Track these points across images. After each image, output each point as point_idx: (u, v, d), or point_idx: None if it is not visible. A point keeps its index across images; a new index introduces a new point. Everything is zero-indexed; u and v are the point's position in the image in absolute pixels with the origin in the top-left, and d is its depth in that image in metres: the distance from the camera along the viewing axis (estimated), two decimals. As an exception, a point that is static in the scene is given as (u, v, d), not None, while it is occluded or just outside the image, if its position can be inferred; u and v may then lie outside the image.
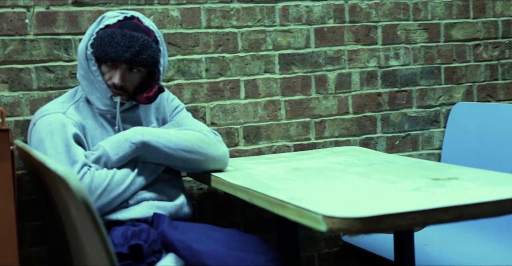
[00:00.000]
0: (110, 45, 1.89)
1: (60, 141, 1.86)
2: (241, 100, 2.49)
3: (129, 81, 1.95)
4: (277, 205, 1.59)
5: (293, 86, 2.56)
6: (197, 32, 2.41)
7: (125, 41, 1.89)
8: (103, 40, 1.89)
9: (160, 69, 1.98)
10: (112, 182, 1.86)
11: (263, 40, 2.51)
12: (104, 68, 1.94)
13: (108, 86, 1.94)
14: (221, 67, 2.45)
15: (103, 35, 1.90)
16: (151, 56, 1.93)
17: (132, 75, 1.95)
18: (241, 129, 2.49)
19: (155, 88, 1.97)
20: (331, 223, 1.36)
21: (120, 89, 1.94)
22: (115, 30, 1.90)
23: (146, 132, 1.92)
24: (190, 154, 1.96)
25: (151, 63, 1.93)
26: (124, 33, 1.90)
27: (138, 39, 1.90)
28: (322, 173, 1.97)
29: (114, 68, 1.93)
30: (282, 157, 2.40)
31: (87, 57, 1.92)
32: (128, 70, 1.94)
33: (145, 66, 1.93)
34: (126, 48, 1.88)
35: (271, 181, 1.85)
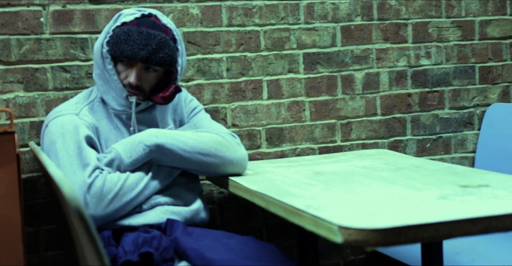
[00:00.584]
0: (126, 43, 1.82)
1: (72, 143, 1.80)
2: (263, 101, 2.40)
3: (145, 81, 1.88)
4: (293, 213, 1.50)
5: (318, 86, 2.47)
6: (218, 30, 2.33)
7: (142, 39, 1.82)
8: (119, 38, 1.83)
9: (178, 69, 1.91)
10: (125, 186, 1.79)
11: (287, 38, 2.42)
12: (120, 67, 1.87)
13: (124, 86, 1.87)
14: (243, 67, 2.37)
15: (119, 32, 1.83)
16: (168, 55, 1.85)
17: (148, 74, 1.88)
18: (263, 131, 2.41)
19: (171, 88, 1.90)
20: (347, 234, 1.27)
21: (136, 89, 1.87)
22: (131, 28, 1.83)
23: (161, 134, 1.85)
24: (207, 157, 1.88)
25: (168, 62, 1.86)
26: (141, 31, 1.83)
27: (155, 37, 1.83)
28: (345, 177, 1.87)
29: (130, 67, 1.86)
30: (305, 160, 2.30)
31: (103, 55, 1.86)
32: (144, 70, 1.87)
33: (162, 65, 1.86)
34: (142, 46, 1.82)
35: (290, 187, 1.76)
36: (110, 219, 1.78)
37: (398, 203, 1.48)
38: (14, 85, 2.11)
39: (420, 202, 1.48)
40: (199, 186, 2.04)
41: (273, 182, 1.86)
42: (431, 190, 1.61)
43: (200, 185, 2.04)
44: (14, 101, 2.11)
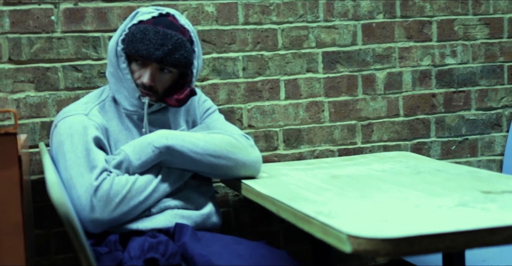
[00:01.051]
0: (141, 42, 1.77)
1: (80, 144, 1.76)
2: (281, 101, 2.33)
3: (159, 82, 1.82)
4: (302, 219, 1.43)
5: (337, 86, 2.39)
6: (234, 28, 2.27)
7: (158, 39, 1.76)
8: (135, 36, 1.77)
9: (193, 72, 1.85)
10: (133, 189, 1.74)
11: (305, 37, 2.34)
12: (134, 66, 1.82)
13: (137, 86, 1.82)
14: (260, 66, 2.30)
15: (135, 31, 1.78)
16: (184, 56, 1.79)
17: (163, 75, 1.82)
18: (280, 133, 2.34)
19: (186, 91, 1.84)
20: (356, 243, 1.19)
21: (149, 90, 1.81)
22: (148, 27, 1.78)
23: (171, 136, 1.79)
24: (218, 159, 1.82)
25: (184, 64, 1.80)
26: (157, 30, 1.77)
27: (172, 38, 1.77)
28: (362, 182, 1.79)
29: (145, 66, 1.81)
30: (323, 162, 2.23)
31: (117, 53, 1.81)
32: (159, 70, 1.81)
33: (177, 66, 1.80)
34: (158, 46, 1.76)
35: (303, 191, 1.69)
36: (117, 222, 1.73)
37: (413, 210, 1.40)
38: (25, 85, 2.08)
39: (436, 209, 1.39)
40: (212, 189, 1.97)
41: (287, 185, 1.79)
42: (450, 196, 1.52)
43: (212, 188, 1.98)
44: (25, 101, 2.08)
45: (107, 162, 1.77)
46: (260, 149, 2.30)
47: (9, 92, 2.06)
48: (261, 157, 1.92)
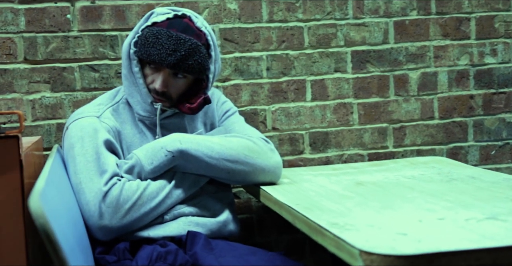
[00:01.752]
0: (153, 46, 1.68)
1: (91, 148, 1.68)
2: (307, 102, 2.22)
3: (172, 88, 1.74)
4: (316, 231, 1.33)
5: (368, 87, 2.26)
6: (258, 26, 2.17)
7: (171, 44, 1.68)
8: (147, 40, 1.69)
9: (210, 77, 1.76)
10: (144, 195, 1.65)
11: (333, 35, 2.23)
12: (147, 70, 1.74)
13: (150, 91, 1.74)
14: (285, 66, 2.20)
15: (148, 34, 1.70)
16: (198, 62, 1.70)
17: (176, 81, 1.73)
18: (306, 136, 2.23)
19: (199, 99, 1.75)
20: (369, 260, 1.08)
21: (161, 95, 1.73)
22: (161, 30, 1.69)
23: (185, 139, 1.70)
24: (235, 164, 1.72)
25: (198, 70, 1.71)
26: (170, 34, 1.68)
27: (185, 43, 1.68)
28: (387, 189, 1.67)
29: (158, 71, 1.72)
30: (351, 167, 2.11)
31: (130, 56, 1.74)
32: (172, 75, 1.73)
33: (191, 72, 1.71)
34: (170, 52, 1.67)
35: (323, 199, 1.58)
36: (127, 230, 1.65)
37: (436, 223, 1.28)
38: (41, 85, 2.02)
39: (463, 223, 1.27)
40: (230, 195, 1.88)
41: (307, 192, 1.68)
42: (481, 208, 1.39)
43: (231, 194, 1.89)
44: (41, 102, 2.02)
45: (119, 166, 1.69)
46: (284, 152, 2.19)
47: (24, 93, 2.01)
48: (282, 161, 1.81)
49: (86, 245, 1.57)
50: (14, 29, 1.98)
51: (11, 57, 1.99)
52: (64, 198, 1.40)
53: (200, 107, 1.76)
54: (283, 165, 2.20)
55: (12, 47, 1.99)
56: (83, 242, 1.56)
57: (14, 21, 1.98)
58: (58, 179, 1.43)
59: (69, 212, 1.39)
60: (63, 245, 0.97)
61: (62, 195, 1.38)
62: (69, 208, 1.41)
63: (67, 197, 1.48)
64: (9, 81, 1.99)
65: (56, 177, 1.40)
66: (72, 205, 1.52)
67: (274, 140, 2.19)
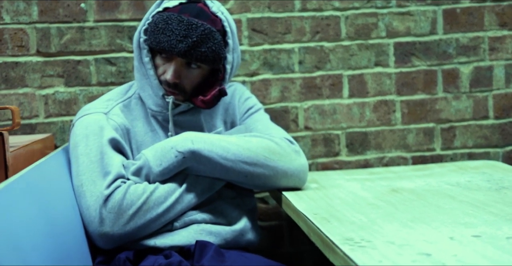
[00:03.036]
0: (163, 32, 1.53)
1: (95, 147, 1.54)
2: (343, 99, 2.02)
3: (186, 79, 1.58)
4: (328, 246, 1.14)
5: (412, 83, 2.04)
6: (289, 16, 1.98)
7: (181, 29, 1.52)
8: (157, 26, 1.54)
9: (227, 67, 1.59)
10: (151, 199, 1.50)
11: (374, 25, 2.01)
12: (158, 60, 1.58)
13: (161, 83, 1.58)
14: (319, 59, 2.00)
15: (158, 20, 1.55)
16: (212, 49, 1.53)
17: (190, 71, 1.57)
18: (343, 136, 2.02)
19: (214, 91, 1.58)
20: (378, 288, 0.89)
21: (173, 88, 1.57)
22: (171, 15, 1.54)
23: (198, 139, 1.54)
24: (254, 167, 1.54)
25: (211, 58, 1.54)
26: (181, 20, 1.52)
27: (198, 28, 1.52)
28: (424, 198, 1.46)
29: (169, 61, 1.57)
30: (391, 172, 1.89)
31: (140, 45, 1.59)
32: (185, 65, 1.57)
33: (204, 61, 1.54)
34: (181, 38, 1.51)
35: (347, 209, 1.38)
36: (131, 238, 1.49)
37: (470, 241, 1.06)
38: (54, 79, 1.89)
39: (503, 242, 1.05)
40: (251, 201, 1.70)
41: (332, 200, 1.49)
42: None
43: (253, 200, 1.71)
44: (54, 98, 1.89)
45: (125, 167, 1.54)
46: (318, 154, 2.00)
47: (37, 87, 1.89)
48: (308, 164, 1.62)
49: (84, 254, 1.43)
50: (26, 19, 1.86)
51: (23, 50, 1.87)
52: (46, 202, 1.25)
53: (215, 101, 1.59)
54: (316, 167, 2.01)
55: (24, 39, 1.87)
56: (80, 251, 1.41)
57: (26, 11, 1.86)
58: (41, 180, 1.29)
59: (48, 217, 1.24)
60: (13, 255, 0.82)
61: (42, 198, 1.23)
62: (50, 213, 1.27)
63: (54, 201, 1.34)
64: (21, 75, 1.87)
65: (38, 178, 1.26)
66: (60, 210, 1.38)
67: (307, 140, 2.00)
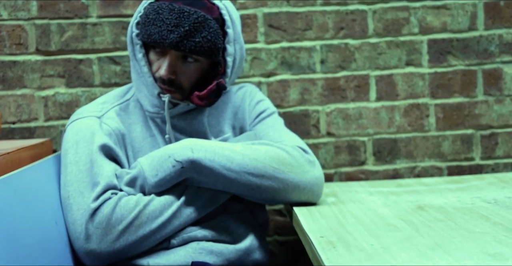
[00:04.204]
0: (154, 23, 1.38)
1: (85, 155, 1.39)
2: (370, 103, 1.82)
3: (182, 74, 1.42)
4: (326, 280, 0.96)
5: (448, 84, 1.83)
6: (310, 10, 1.80)
7: (172, 18, 1.37)
8: (148, 18, 1.40)
9: (228, 60, 1.43)
10: (144, 213, 1.34)
11: (405, 20, 1.82)
12: (152, 55, 1.44)
13: (156, 80, 1.43)
14: (343, 58, 1.81)
15: (149, 11, 1.40)
16: (208, 39, 1.38)
17: (187, 66, 1.42)
18: (369, 143, 1.83)
19: (211, 85, 1.42)
20: None
21: (169, 85, 1.42)
22: (162, 4, 1.39)
23: (198, 147, 1.37)
24: (261, 179, 1.37)
25: (207, 49, 1.38)
26: (172, 8, 1.37)
27: (190, 16, 1.37)
28: (453, 219, 1.27)
29: (164, 55, 1.42)
30: (422, 184, 1.69)
31: (133, 40, 1.44)
32: (181, 59, 1.41)
33: (199, 53, 1.38)
34: (172, 28, 1.36)
35: (360, 230, 1.20)
36: (122, 256, 1.34)
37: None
38: (54, 79, 1.76)
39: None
40: (262, 216, 1.54)
41: (346, 218, 1.31)
42: None
43: (263, 215, 1.55)
44: (54, 99, 1.76)
45: (119, 177, 1.39)
46: (342, 163, 1.81)
47: (36, 88, 1.75)
48: (323, 176, 1.44)
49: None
50: (25, 15, 1.73)
51: (22, 48, 1.74)
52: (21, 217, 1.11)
53: (212, 96, 1.42)
54: (339, 177, 1.82)
55: (22, 36, 1.74)
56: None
57: (25, 6, 1.73)
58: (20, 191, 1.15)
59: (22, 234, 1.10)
60: None
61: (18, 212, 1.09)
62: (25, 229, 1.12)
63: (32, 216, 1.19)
64: (19, 75, 1.74)
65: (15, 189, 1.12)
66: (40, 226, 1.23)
67: (329, 147, 1.81)
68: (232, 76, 1.47)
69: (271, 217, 1.83)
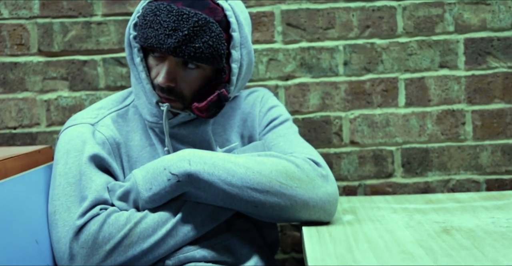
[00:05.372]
0: (151, 26, 1.25)
1: (75, 166, 1.28)
2: (399, 109, 1.65)
3: (183, 82, 1.28)
4: None
5: (487, 88, 1.65)
6: (333, 7, 1.64)
7: (170, 21, 1.23)
8: (145, 19, 1.27)
9: (233, 67, 1.29)
10: (135, 232, 1.22)
11: (439, 17, 1.64)
12: (151, 60, 1.31)
13: (155, 88, 1.30)
14: (369, 60, 1.65)
15: (147, 11, 1.27)
16: (209, 44, 1.23)
17: (187, 72, 1.28)
18: (398, 153, 1.66)
19: (212, 96, 1.28)
20: None
21: (168, 93, 1.28)
22: (161, 4, 1.25)
23: (197, 158, 1.24)
24: (266, 196, 1.23)
25: (208, 55, 1.24)
26: (170, 9, 1.24)
27: (189, 19, 1.23)
28: (481, 247, 1.10)
29: (163, 61, 1.29)
30: (455, 200, 1.52)
31: (131, 43, 1.32)
32: (181, 65, 1.28)
33: (200, 59, 1.24)
34: (170, 32, 1.23)
35: (370, 259, 1.06)
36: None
37: None
38: (57, 82, 1.65)
39: None
40: (272, 234, 1.40)
41: (358, 243, 1.15)
42: None
43: (273, 233, 1.41)
44: (56, 103, 1.65)
45: (111, 190, 1.27)
46: (366, 175, 1.65)
47: (38, 91, 1.65)
48: (337, 193, 1.29)
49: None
50: (26, 13, 1.63)
51: (23, 48, 1.64)
52: None
53: (212, 108, 1.29)
54: (364, 190, 1.66)
55: (24, 36, 1.63)
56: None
57: (27, 4, 1.63)
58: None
59: None
60: None
61: None
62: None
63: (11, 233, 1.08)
64: (20, 78, 1.64)
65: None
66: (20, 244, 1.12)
67: (353, 157, 1.65)
68: (238, 83, 1.33)
69: (288, 232, 1.68)
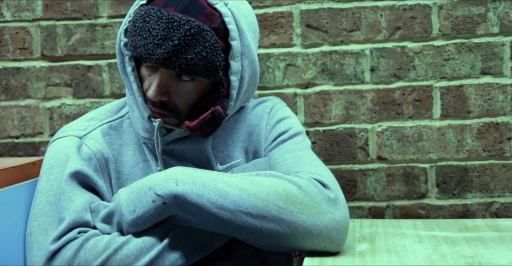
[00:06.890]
0: (140, 34, 1.12)
1: (56, 183, 1.17)
2: (434, 121, 1.46)
3: (177, 96, 1.15)
4: None
5: (538, 99, 1.44)
6: (358, 6, 1.47)
7: (160, 29, 1.10)
8: (135, 25, 1.14)
9: (232, 79, 1.14)
10: (114, 259, 1.09)
11: (481, 17, 1.44)
12: (143, 70, 1.18)
13: (146, 101, 1.18)
14: (399, 65, 1.47)
15: (137, 16, 1.15)
16: (202, 56, 1.09)
17: (182, 85, 1.15)
18: (431, 171, 1.47)
19: (205, 114, 1.14)
20: None
21: (161, 108, 1.15)
22: (151, 9, 1.12)
23: (185, 177, 1.10)
24: (262, 221, 1.08)
25: (202, 67, 1.10)
26: (160, 16, 1.11)
27: (181, 27, 1.09)
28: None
29: (155, 71, 1.16)
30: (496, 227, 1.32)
31: (122, 51, 1.20)
32: (174, 77, 1.15)
33: (192, 72, 1.11)
34: (159, 41, 1.10)
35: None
36: None
37: None
38: (60, 89, 1.55)
39: None
40: (277, 261, 1.24)
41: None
42: None
43: (279, 260, 1.25)
44: (60, 111, 1.55)
45: (94, 211, 1.15)
46: (396, 194, 1.47)
47: (41, 99, 1.55)
48: (347, 219, 1.13)
49: None
50: (29, 16, 1.54)
51: (26, 53, 1.54)
52: None
53: (205, 127, 1.15)
54: (393, 212, 1.48)
55: (26, 40, 1.54)
56: None
57: (29, 5, 1.53)
58: None
59: None
60: None
61: None
62: None
63: None
64: (23, 84, 1.55)
65: None
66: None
67: (380, 175, 1.47)
68: (239, 97, 1.18)
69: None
